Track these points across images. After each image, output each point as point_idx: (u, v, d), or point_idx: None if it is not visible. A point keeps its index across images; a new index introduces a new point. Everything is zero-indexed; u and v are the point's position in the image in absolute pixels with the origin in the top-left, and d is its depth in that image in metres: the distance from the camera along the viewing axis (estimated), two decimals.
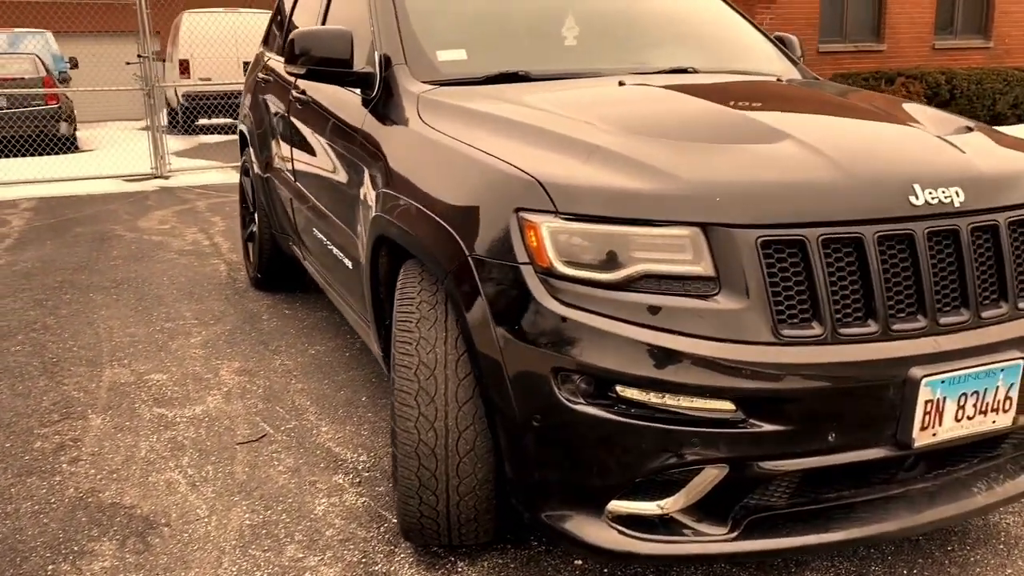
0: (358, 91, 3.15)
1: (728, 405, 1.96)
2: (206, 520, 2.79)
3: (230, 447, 3.32)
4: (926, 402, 2.01)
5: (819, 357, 1.96)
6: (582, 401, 1.99)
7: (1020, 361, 2.10)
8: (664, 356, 1.94)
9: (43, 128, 13.86)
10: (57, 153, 13.43)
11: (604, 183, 2.04)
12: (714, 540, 2.05)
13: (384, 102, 2.96)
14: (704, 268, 1.97)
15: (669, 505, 2.06)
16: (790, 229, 1.97)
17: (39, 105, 14.14)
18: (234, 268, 6.05)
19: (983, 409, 2.10)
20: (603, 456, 2.01)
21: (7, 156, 12.46)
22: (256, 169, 5.07)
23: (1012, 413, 2.14)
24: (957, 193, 2.10)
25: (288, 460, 3.20)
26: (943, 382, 2.02)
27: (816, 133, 2.28)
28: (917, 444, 2.04)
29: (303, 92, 3.88)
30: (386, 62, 3.03)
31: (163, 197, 9.39)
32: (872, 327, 2.01)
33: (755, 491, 2.09)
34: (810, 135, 2.24)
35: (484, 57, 3.14)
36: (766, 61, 3.57)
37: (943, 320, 2.07)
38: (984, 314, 2.12)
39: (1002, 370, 2.09)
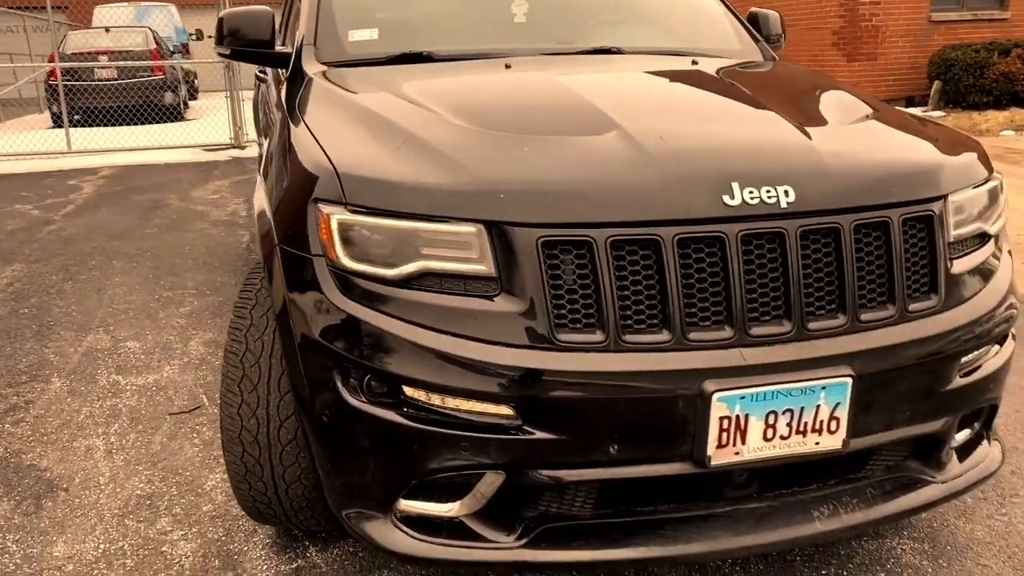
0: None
1: (506, 410, 1.88)
2: (102, 488, 2.90)
3: (161, 417, 3.43)
4: (721, 418, 1.87)
5: (598, 365, 1.85)
6: (364, 399, 1.95)
7: (848, 379, 1.92)
8: (439, 358, 1.87)
9: (149, 98, 14.58)
10: (160, 122, 14.10)
11: (394, 176, 1.97)
12: (499, 547, 1.97)
13: (289, 83, 2.96)
14: (487, 268, 1.88)
15: (457, 509, 1.99)
16: (574, 229, 1.85)
17: (146, 76, 14.89)
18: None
19: (801, 429, 1.93)
20: (385, 456, 1.96)
21: (114, 124, 13.17)
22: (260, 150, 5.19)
23: (841, 435, 1.96)
24: (786, 193, 1.93)
25: (207, 434, 3.28)
26: (743, 398, 1.87)
27: (650, 125, 2.13)
28: (714, 462, 1.90)
29: (262, 71, 3.93)
30: (300, 42, 3.03)
31: (230, 167, 9.75)
32: (665, 336, 1.87)
33: (544, 499, 2.00)
34: (641, 127, 2.09)
35: (398, 37, 3.09)
36: (718, 40, 3.36)
37: (756, 331, 1.91)
38: (812, 326, 1.95)
39: (823, 388, 1.91)
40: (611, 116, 2.15)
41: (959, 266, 2.15)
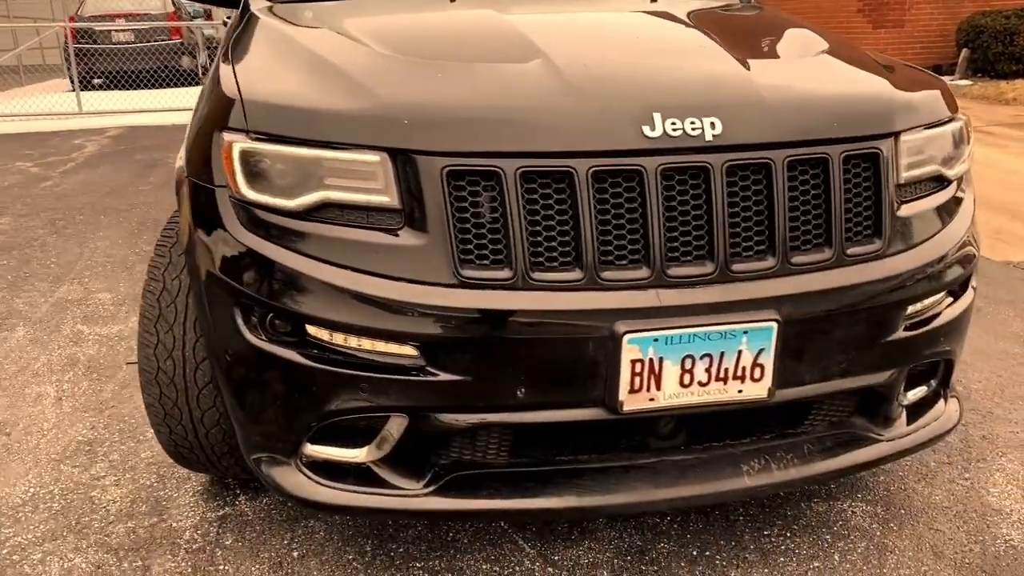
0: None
1: (408, 351, 1.79)
2: (45, 433, 2.86)
3: (118, 367, 3.38)
4: (633, 362, 1.76)
5: (503, 304, 1.74)
6: (264, 338, 1.86)
7: (773, 324, 1.80)
8: (338, 295, 1.77)
9: (166, 62, 14.54)
10: (178, 87, 14.06)
11: (298, 102, 1.87)
12: (405, 495, 1.89)
13: (236, 21, 2.87)
14: (391, 199, 1.78)
15: (364, 455, 1.91)
16: (482, 159, 1.74)
17: (164, 40, 14.86)
18: None
19: (721, 376, 1.82)
20: (287, 398, 1.88)
21: (132, 88, 13.15)
22: None
23: (766, 383, 1.85)
24: (712, 125, 1.80)
25: None
26: (656, 341, 1.76)
27: (577, 54, 2.00)
28: (627, 408, 1.80)
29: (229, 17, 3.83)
30: None
31: None
32: (576, 274, 1.76)
33: (455, 446, 1.92)
34: (568, 56, 1.97)
35: None
36: None
37: (675, 271, 1.80)
38: (737, 267, 1.83)
39: (745, 332, 1.80)
40: (539, 46, 2.03)
41: (909, 210, 2.02)
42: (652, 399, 1.80)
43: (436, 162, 1.74)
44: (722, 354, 1.80)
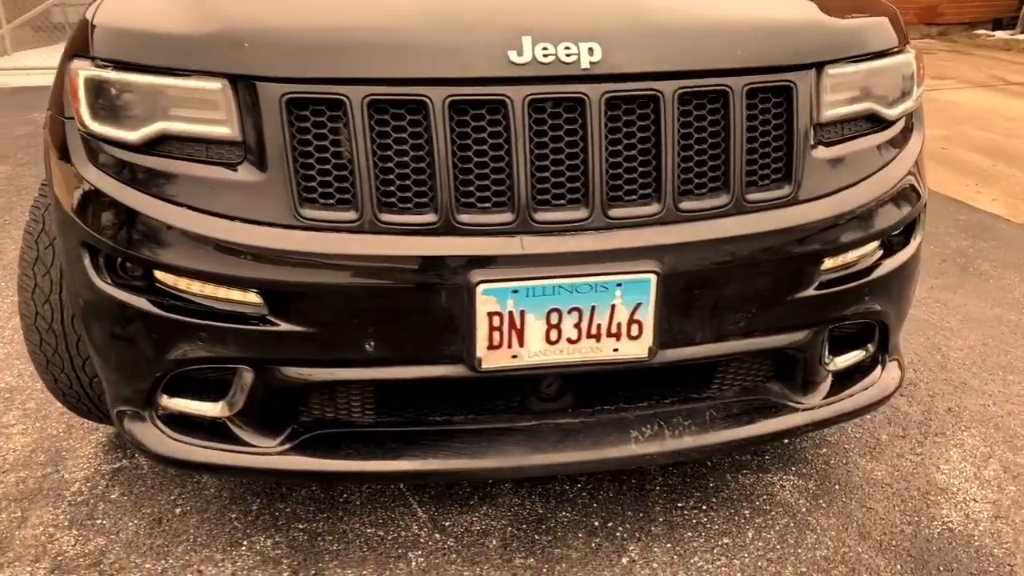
0: None
1: (250, 298, 1.65)
2: None
3: None
4: (490, 315, 1.60)
5: (345, 248, 1.58)
6: (109, 281, 1.74)
7: (651, 275, 1.62)
8: (175, 235, 1.63)
9: None
10: None
11: (144, 26, 1.72)
12: (257, 452, 1.76)
13: None
14: (231, 131, 1.62)
15: (219, 409, 1.78)
16: (325, 85, 1.57)
17: None
18: None
19: (593, 332, 1.64)
20: (136, 346, 1.75)
21: None
22: None
23: (645, 342, 1.67)
24: (590, 51, 1.60)
25: None
26: (516, 292, 1.59)
27: None
28: (486, 366, 1.64)
29: None
30: None
31: None
32: (431, 217, 1.60)
33: (315, 403, 1.78)
34: None
35: None
36: None
37: (543, 216, 1.62)
38: (616, 213, 1.64)
39: (619, 284, 1.61)
40: None
41: (831, 152, 1.80)
42: (515, 356, 1.64)
43: (275, 89, 1.58)
44: (593, 308, 1.62)
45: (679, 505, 2.11)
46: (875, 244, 1.90)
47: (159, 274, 1.70)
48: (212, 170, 1.64)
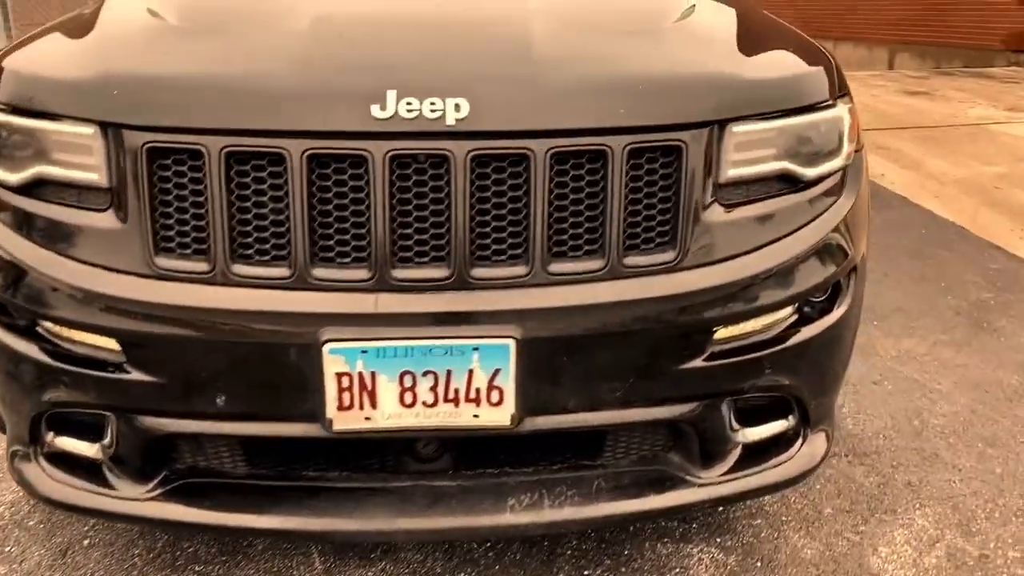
0: None
1: (107, 345, 1.64)
2: None
3: None
4: (339, 375, 1.55)
5: (196, 299, 1.56)
6: None
7: (510, 341, 1.54)
8: (41, 279, 1.64)
9: None
10: None
11: (38, 71, 1.74)
12: (124, 498, 1.75)
13: None
14: (100, 177, 1.62)
15: (95, 451, 1.78)
16: (183, 135, 1.56)
17: None
18: None
19: (451, 397, 1.58)
20: (12, 383, 1.76)
21: None
22: None
23: (507, 409, 1.59)
24: (457, 107, 1.54)
25: None
26: (365, 352, 1.54)
27: (349, 18, 1.77)
28: (338, 427, 1.59)
29: None
30: None
31: None
32: (284, 271, 1.56)
33: (185, 451, 1.76)
34: (336, 20, 1.75)
35: None
36: None
37: (400, 274, 1.56)
38: (479, 274, 1.57)
39: (475, 349, 1.55)
40: (320, 10, 1.81)
41: (730, 215, 1.69)
42: (368, 418, 1.58)
43: (138, 137, 1.57)
44: (449, 372, 1.56)
45: (586, 573, 2.02)
46: (784, 312, 1.78)
47: (26, 314, 1.71)
48: (81, 216, 1.64)
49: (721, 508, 2.17)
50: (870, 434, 2.60)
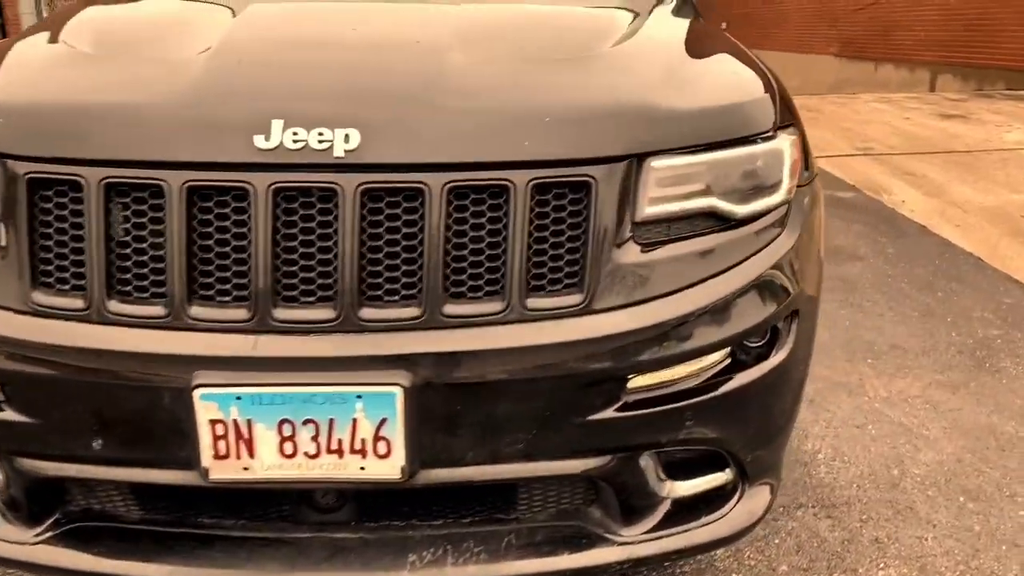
0: None
1: None
2: None
3: None
4: (213, 422, 1.45)
5: (69, 338, 1.48)
6: None
7: (396, 389, 1.44)
8: None
9: None
10: None
11: None
12: (14, 542, 1.67)
13: None
14: None
15: None
16: (65, 166, 1.49)
17: None
18: None
19: (334, 448, 1.48)
20: None
21: None
22: None
23: (396, 461, 1.48)
24: (347, 137, 1.45)
25: None
26: (240, 399, 1.44)
27: (251, 44, 1.70)
28: (215, 476, 1.49)
29: None
30: None
31: None
32: (159, 310, 1.48)
33: (75, 494, 1.69)
34: (239, 46, 1.68)
35: None
36: None
37: (283, 315, 1.47)
38: (368, 315, 1.47)
39: (359, 396, 1.45)
40: (227, 37, 1.73)
41: (648, 255, 1.58)
42: (247, 468, 1.49)
43: (21, 167, 1.51)
44: (331, 422, 1.46)
45: None
46: (711, 359, 1.65)
47: None
48: None
49: (653, 567, 2.03)
50: (843, 483, 2.44)
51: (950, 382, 3.09)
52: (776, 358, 1.71)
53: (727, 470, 1.76)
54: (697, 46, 1.94)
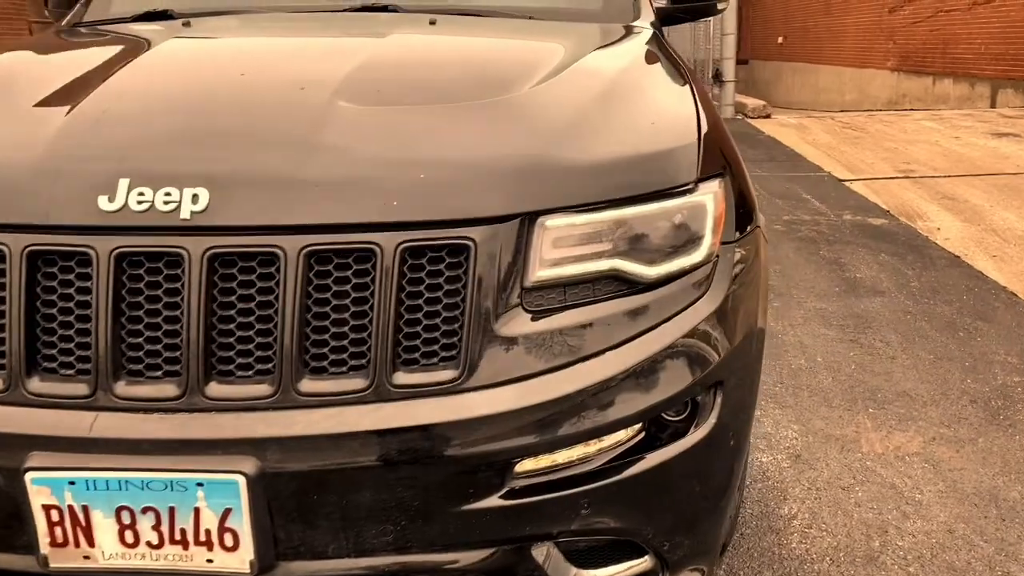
0: None
1: None
2: None
3: None
4: (47, 507, 1.34)
5: None
6: None
7: (238, 477, 1.30)
8: None
9: None
10: None
11: None
12: None
13: None
14: None
15: None
16: None
17: None
18: None
19: (178, 538, 1.35)
20: None
21: None
22: None
23: (244, 554, 1.35)
24: (195, 198, 1.33)
25: None
26: (74, 484, 1.32)
27: (124, 96, 1.59)
28: (54, 565, 1.38)
29: None
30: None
31: None
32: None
33: None
34: (112, 96, 1.58)
35: None
36: None
37: (124, 391, 1.35)
38: (215, 393, 1.34)
39: (200, 484, 1.31)
40: (103, 87, 1.63)
41: (538, 324, 1.42)
42: (87, 557, 1.37)
43: None
44: (172, 510, 1.33)
45: None
46: (615, 438, 1.48)
47: None
48: None
49: None
50: (815, 555, 2.23)
51: (956, 437, 2.84)
52: (696, 435, 1.53)
53: (647, 556, 1.59)
54: (628, 87, 1.78)
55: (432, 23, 2.21)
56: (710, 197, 1.55)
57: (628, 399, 1.44)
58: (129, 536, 1.35)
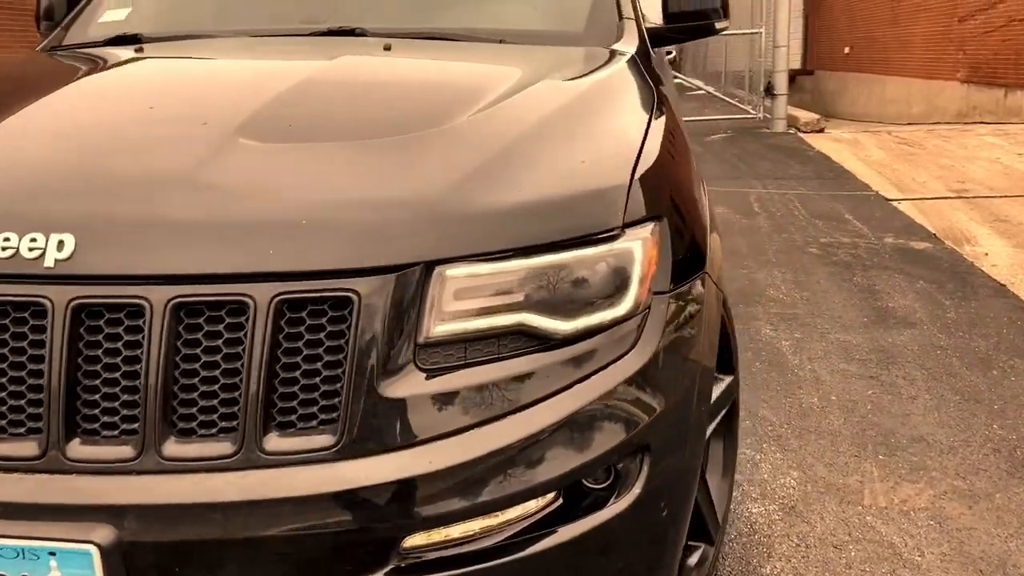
0: None
1: None
2: None
3: None
4: None
5: None
6: None
7: (91, 548, 1.21)
8: None
9: None
10: None
11: None
12: None
13: None
14: None
15: None
16: None
17: None
18: None
19: None
20: None
21: None
22: None
23: None
24: (60, 244, 1.25)
25: None
26: None
27: (11, 136, 1.53)
28: None
29: None
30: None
31: None
32: None
33: None
34: (20, 138, 1.52)
35: (153, 16, 2.65)
36: (551, 19, 2.48)
37: None
38: (77, 453, 1.25)
39: (52, 553, 1.22)
40: (11, 121, 1.58)
41: (434, 384, 1.30)
42: None
43: None
44: None
45: None
46: (520, 510, 1.34)
47: None
48: None
49: None
50: None
51: (971, 491, 2.62)
52: (617, 505, 1.39)
53: None
54: (568, 121, 1.65)
55: (387, 48, 2.11)
56: (638, 244, 1.41)
57: (533, 468, 1.31)
58: None
